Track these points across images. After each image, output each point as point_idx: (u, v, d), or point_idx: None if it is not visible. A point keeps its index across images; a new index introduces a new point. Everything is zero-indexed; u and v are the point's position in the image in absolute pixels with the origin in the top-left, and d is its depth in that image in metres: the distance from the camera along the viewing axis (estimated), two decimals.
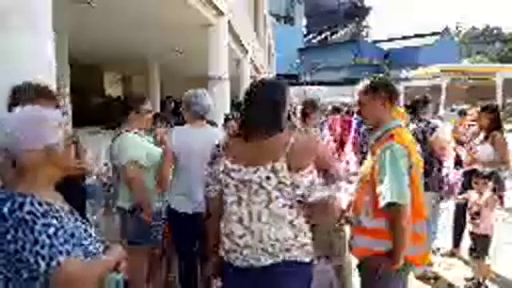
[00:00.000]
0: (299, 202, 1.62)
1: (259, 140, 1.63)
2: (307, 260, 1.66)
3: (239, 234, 1.62)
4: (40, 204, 1.14)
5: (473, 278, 3.39)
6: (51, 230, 1.11)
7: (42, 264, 1.07)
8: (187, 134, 2.58)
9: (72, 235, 1.14)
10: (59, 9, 2.33)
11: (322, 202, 1.62)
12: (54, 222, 1.13)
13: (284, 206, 1.60)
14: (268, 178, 1.57)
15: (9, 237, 1.08)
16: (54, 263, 1.08)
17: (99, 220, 3.72)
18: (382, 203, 1.75)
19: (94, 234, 1.32)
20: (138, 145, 2.56)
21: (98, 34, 7.27)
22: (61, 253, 1.09)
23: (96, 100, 11.16)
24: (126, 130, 2.62)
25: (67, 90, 6.40)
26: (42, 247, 1.08)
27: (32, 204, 1.12)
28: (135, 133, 2.63)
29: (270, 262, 1.60)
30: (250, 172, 1.60)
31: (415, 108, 3.62)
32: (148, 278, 2.92)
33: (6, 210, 1.10)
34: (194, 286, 2.71)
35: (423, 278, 3.47)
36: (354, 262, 2.15)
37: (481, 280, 3.32)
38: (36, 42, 1.97)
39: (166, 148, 2.57)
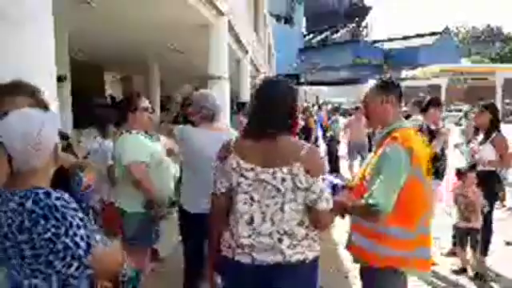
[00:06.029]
0: (309, 207, 1.60)
1: (268, 140, 1.58)
2: (312, 257, 1.63)
3: (245, 235, 1.60)
4: (62, 195, 1.13)
5: (465, 270, 3.59)
6: (80, 214, 1.11)
7: (83, 245, 1.06)
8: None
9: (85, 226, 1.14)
10: (59, 9, 2.33)
11: (327, 211, 1.60)
12: (78, 213, 1.13)
13: (297, 209, 1.58)
14: (284, 179, 1.55)
15: (39, 228, 1.04)
16: (92, 242, 1.08)
17: None
18: (368, 200, 1.72)
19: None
20: (139, 145, 2.55)
21: (98, 33, 7.26)
22: (93, 234, 1.11)
23: (96, 100, 11.12)
24: (127, 131, 2.61)
25: (68, 90, 6.41)
26: (79, 228, 1.07)
27: (57, 192, 1.12)
28: (137, 132, 2.61)
29: (274, 260, 1.57)
30: (266, 173, 1.56)
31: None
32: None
33: (30, 203, 1.07)
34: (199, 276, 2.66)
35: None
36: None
37: (470, 271, 3.55)
38: (36, 38, 1.96)
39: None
